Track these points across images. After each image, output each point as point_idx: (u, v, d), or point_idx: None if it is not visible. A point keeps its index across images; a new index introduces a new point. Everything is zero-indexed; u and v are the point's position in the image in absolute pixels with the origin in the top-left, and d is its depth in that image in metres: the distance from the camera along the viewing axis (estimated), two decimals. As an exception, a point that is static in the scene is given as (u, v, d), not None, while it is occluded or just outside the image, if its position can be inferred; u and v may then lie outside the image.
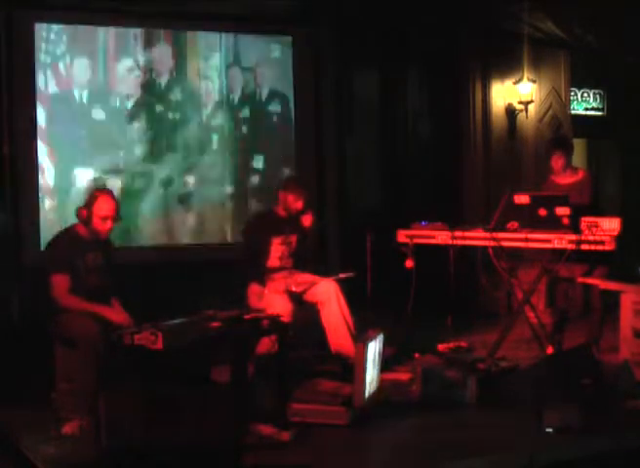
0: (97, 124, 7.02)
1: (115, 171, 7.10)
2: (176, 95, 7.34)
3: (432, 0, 7.70)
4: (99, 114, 7.03)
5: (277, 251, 5.84)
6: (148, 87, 7.22)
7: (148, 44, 7.20)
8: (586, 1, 7.35)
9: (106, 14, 6.94)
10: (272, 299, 5.55)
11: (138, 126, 7.22)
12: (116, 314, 4.65)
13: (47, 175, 6.85)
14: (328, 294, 5.70)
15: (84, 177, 6.96)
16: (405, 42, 8.08)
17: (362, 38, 7.87)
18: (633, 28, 7.80)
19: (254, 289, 5.68)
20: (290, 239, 5.88)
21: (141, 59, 7.19)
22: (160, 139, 7.31)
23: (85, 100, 6.98)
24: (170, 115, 7.33)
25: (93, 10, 6.87)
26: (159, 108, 7.28)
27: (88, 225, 4.75)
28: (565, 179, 6.19)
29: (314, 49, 7.79)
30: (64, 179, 6.91)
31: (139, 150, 7.23)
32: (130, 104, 7.15)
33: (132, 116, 7.17)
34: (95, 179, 6.92)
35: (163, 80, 7.29)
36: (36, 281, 4.88)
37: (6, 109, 6.60)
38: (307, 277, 5.87)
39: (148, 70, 7.22)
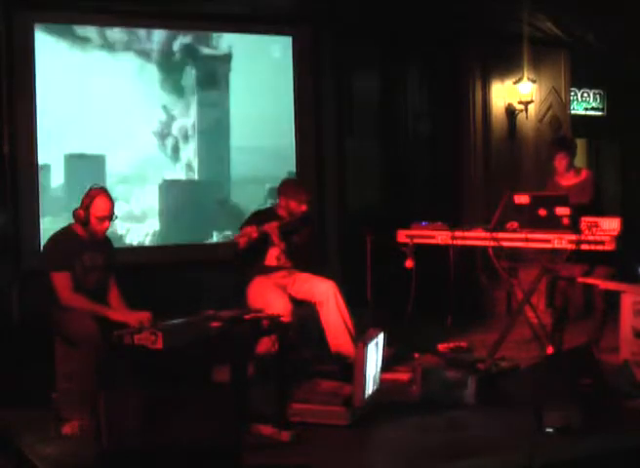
0: (97, 122, 7.02)
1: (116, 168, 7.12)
2: (177, 94, 7.35)
3: (433, 0, 7.70)
4: (98, 111, 7.03)
5: (274, 250, 5.83)
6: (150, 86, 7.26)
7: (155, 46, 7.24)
8: (586, 1, 7.36)
9: (106, 14, 6.93)
10: (272, 299, 5.55)
11: (140, 124, 7.23)
12: (120, 315, 4.65)
13: (47, 176, 6.85)
14: (327, 295, 5.69)
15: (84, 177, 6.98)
16: (405, 42, 8.08)
17: (362, 38, 7.87)
18: (633, 28, 7.81)
19: (255, 284, 5.70)
20: (290, 239, 5.86)
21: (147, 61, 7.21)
22: (163, 138, 7.32)
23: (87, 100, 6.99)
24: (172, 112, 7.33)
25: (93, 10, 6.86)
26: (160, 106, 7.31)
27: (85, 226, 4.76)
28: (568, 181, 6.17)
29: (314, 49, 7.78)
30: (65, 179, 6.92)
31: (139, 147, 7.24)
32: (131, 104, 7.18)
33: (132, 113, 7.19)
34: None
35: (164, 79, 7.29)
36: (36, 281, 4.89)
37: (6, 109, 6.59)
38: (307, 277, 5.86)
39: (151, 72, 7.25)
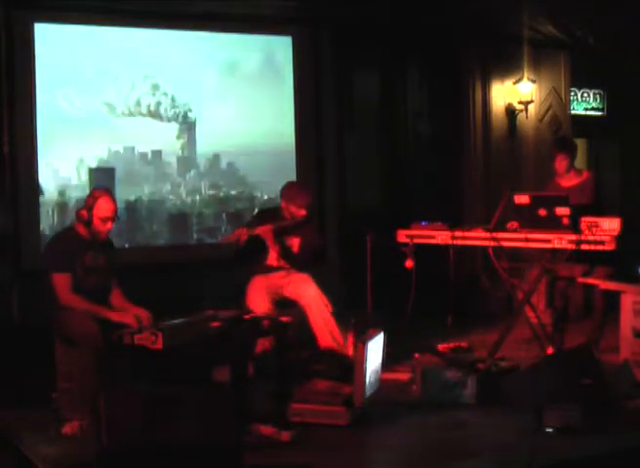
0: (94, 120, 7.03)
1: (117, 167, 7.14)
2: (178, 93, 7.36)
3: (432, 0, 7.70)
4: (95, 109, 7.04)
5: (276, 250, 5.82)
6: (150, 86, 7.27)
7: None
8: (586, 2, 7.35)
9: (107, 14, 6.92)
10: (254, 299, 5.57)
11: (142, 122, 7.23)
12: (119, 316, 4.65)
13: (47, 176, 6.86)
14: (308, 297, 5.70)
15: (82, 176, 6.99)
16: (405, 42, 8.08)
17: (362, 38, 7.86)
18: (633, 28, 7.81)
19: (252, 283, 5.70)
20: (291, 241, 5.85)
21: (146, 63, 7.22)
22: (165, 137, 7.33)
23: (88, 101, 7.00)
24: (169, 114, 7.34)
25: (93, 10, 6.86)
26: (161, 107, 7.31)
27: (88, 226, 4.76)
28: (569, 181, 6.19)
29: (314, 49, 7.79)
30: (64, 179, 6.93)
31: (140, 146, 7.25)
32: (130, 104, 7.19)
33: (131, 113, 7.20)
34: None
35: (165, 80, 7.31)
36: (36, 281, 4.89)
37: (6, 109, 6.59)
38: (299, 279, 5.84)
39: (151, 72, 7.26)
